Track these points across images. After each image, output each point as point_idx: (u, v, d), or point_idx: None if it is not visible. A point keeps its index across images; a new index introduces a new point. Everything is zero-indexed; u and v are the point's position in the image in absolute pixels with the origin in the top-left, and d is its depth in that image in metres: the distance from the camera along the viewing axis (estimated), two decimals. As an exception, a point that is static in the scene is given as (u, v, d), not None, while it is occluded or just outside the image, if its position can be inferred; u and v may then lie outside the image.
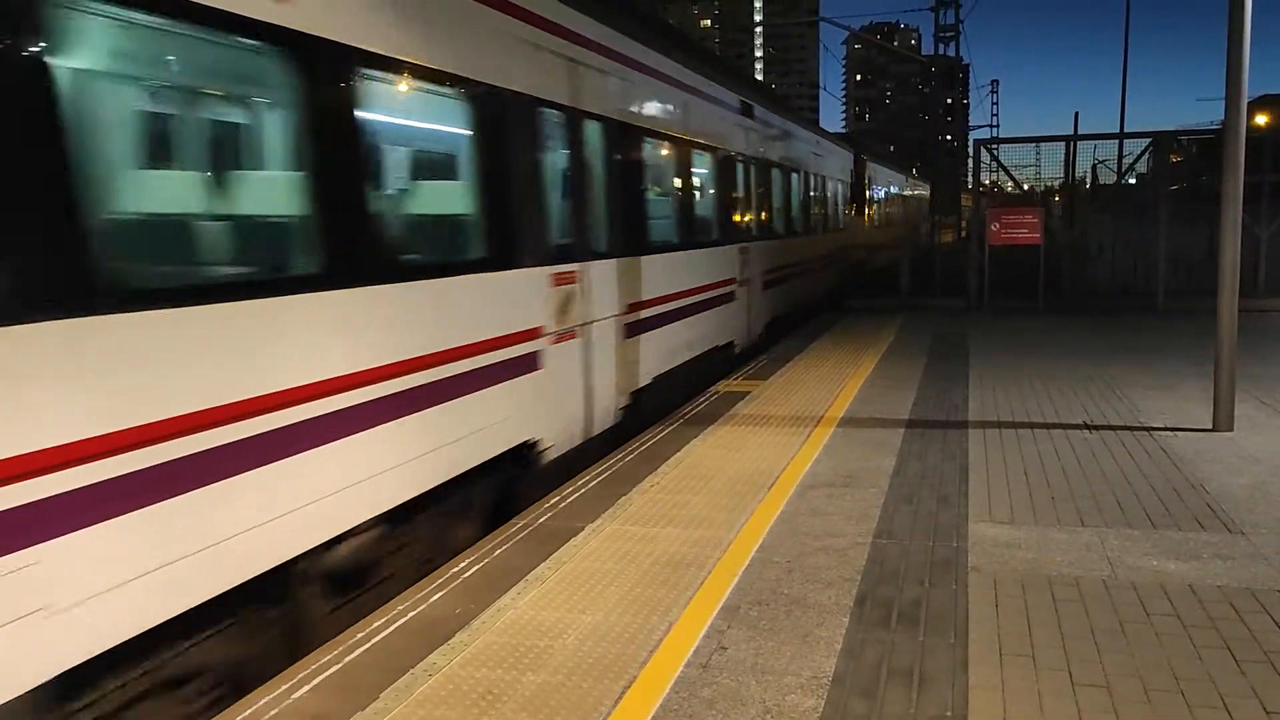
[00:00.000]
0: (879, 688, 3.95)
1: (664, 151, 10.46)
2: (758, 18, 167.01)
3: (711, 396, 10.20)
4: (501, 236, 6.62)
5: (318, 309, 4.76)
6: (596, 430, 8.23)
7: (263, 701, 3.94)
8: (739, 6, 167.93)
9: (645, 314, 9.38)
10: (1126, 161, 21.10)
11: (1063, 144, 20.15)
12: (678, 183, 10.87)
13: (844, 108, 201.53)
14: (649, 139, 9.74)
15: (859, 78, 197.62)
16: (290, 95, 4.76)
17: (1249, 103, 8.25)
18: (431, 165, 6.60)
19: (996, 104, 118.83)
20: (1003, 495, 6.58)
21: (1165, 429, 8.41)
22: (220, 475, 4.14)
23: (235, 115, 5.35)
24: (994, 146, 20.68)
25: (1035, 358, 12.51)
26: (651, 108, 9.92)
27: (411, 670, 4.19)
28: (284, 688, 4.05)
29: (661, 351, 9.86)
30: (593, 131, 8.26)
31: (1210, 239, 16.72)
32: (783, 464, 7.44)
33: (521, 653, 4.33)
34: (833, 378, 11.19)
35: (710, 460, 7.61)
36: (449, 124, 6.39)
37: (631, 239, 9.10)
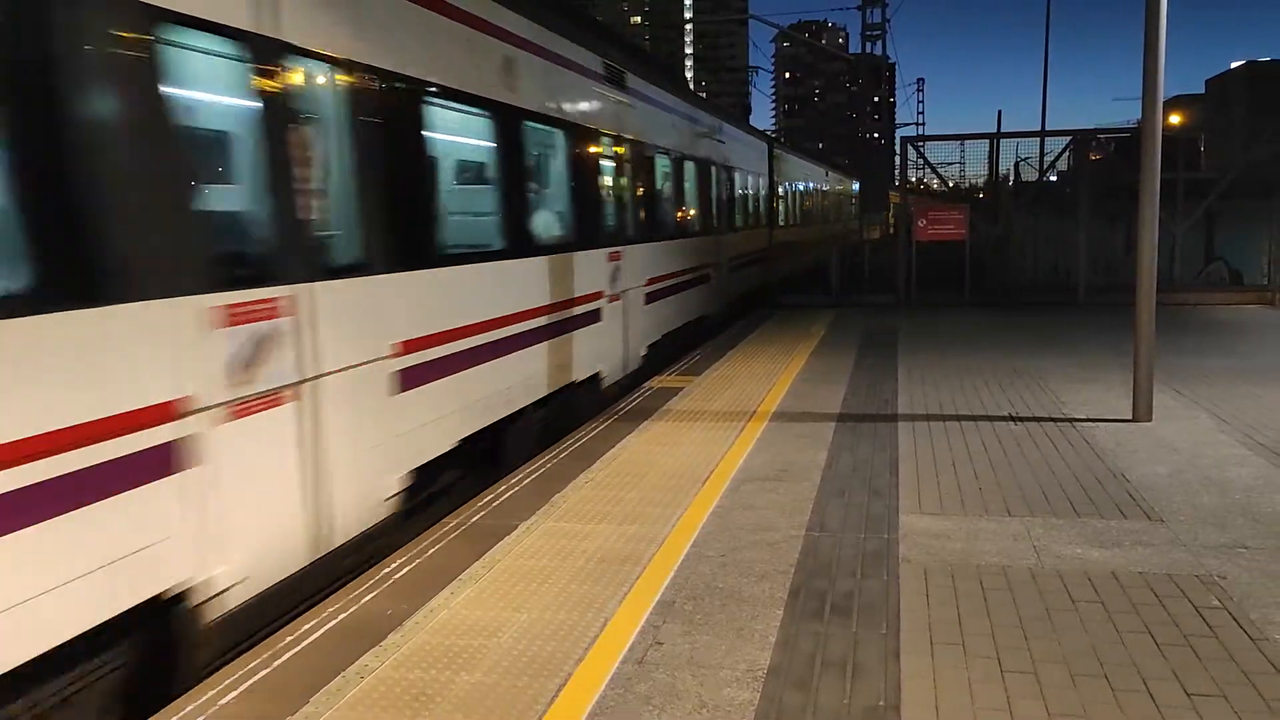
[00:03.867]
0: (813, 679, 3.98)
1: (668, 160, 13.01)
2: (687, 15, 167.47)
3: (645, 392, 10.21)
4: (598, 226, 9.82)
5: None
6: (630, 369, 10.82)
7: (189, 708, 3.84)
8: (668, 4, 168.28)
9: (658, 286, 12.18)
10: (1048, 159, 21.59)
11: (986, 142, 20.55)
12: (676, 186, 13.38)
13: (773, 105, 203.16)
14: (658, 153, 12.38)
15: (788, 75, 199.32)
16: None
17: (1163, 103, 8.47)
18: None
19: (922, 102, 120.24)
20: (932, 487, 6.68)
21: (1087, 420, 8.62)
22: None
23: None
24: (920, 144, 21.00)
25: (962, 352, 12.74)
26: (667, 132, 13.03)
27: (343, 673, 4.11)
28: (211, 693, 3.95)
29: (668, 316, 12.67)
30: (622, 147, 10.89)
31: (1128, 235, 17.21)
32: (716, 459, 7.46)
33: (455, 653, 4.28)
34: (765, 373, 11.27)
35: (644, 456, 7.61)
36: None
37: (649, 228, 11.75)
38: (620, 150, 11.03)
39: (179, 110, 4.37)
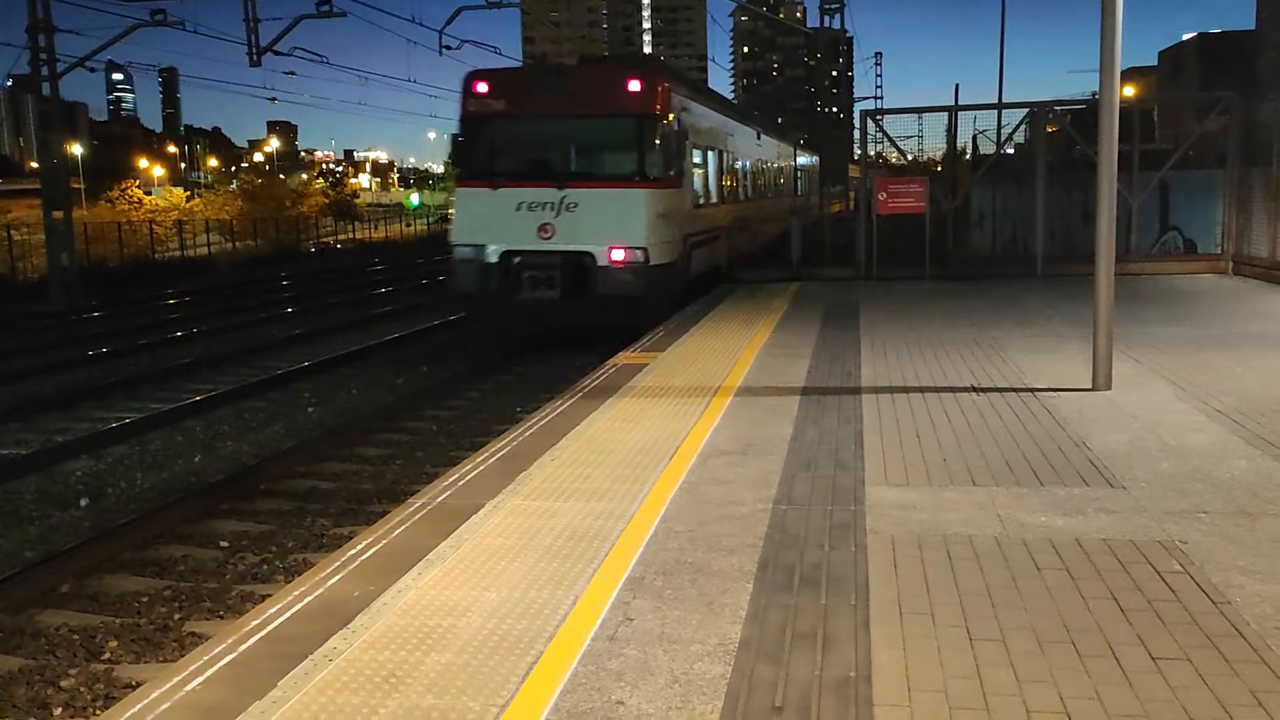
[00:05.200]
0: (784, 651, 3.99)
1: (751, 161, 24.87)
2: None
3: (610, 369, 10.18)
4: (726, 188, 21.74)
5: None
6: (729, 265, 20.10)
7: (154, 695, 3.78)
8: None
9: (751, 221, 22.62)
10: (1005, 132, 21.68)
11: (945, 114, 20.58)
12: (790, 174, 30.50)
13: (732, 80, 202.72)
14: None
15: (746, 50, 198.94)
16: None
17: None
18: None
19: (880, 75, 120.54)
20: (897, 458, 6.72)
21: (1048, 389, 8.70)
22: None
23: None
24: (879, 117, 21.04)
25: (923, 324, 12.82)
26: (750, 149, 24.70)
27: (310, 656, 4.06)
28: (176, 679, 3.89)
29: (756, 237, 22.86)
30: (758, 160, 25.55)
31: (1085, 206, 17.38)
32: (683, 434, 7.46)
33: (425, 633, 4.24)
34: (729, 348, 11.28)
35: (611, 433, 7.59)
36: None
37: (743, 192, 22.08)
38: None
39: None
